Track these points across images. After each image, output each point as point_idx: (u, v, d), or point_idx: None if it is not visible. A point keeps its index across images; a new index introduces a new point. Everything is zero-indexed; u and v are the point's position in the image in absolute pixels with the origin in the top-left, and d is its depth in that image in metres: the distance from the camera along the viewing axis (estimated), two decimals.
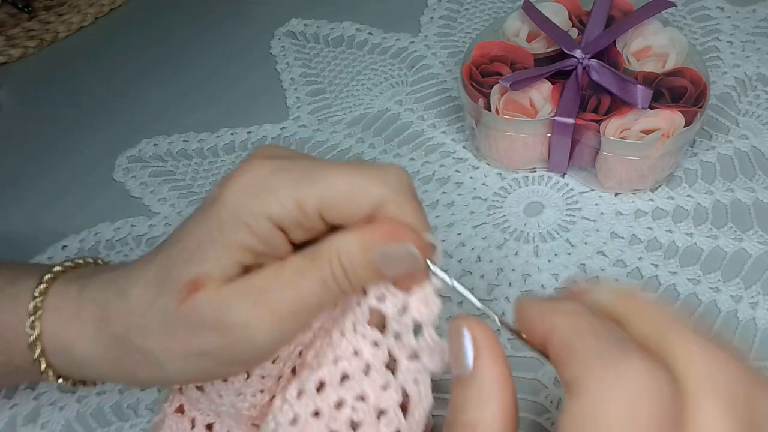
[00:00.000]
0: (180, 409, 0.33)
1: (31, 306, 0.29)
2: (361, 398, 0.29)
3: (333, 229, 0.27)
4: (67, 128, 0.59)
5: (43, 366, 0.29)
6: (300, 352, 0.31)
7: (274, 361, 0.31)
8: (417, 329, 0.28)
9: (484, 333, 0.24)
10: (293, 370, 0.31)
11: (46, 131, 0.59)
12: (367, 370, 0.29)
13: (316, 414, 0.28)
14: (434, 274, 0.28)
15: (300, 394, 0.28)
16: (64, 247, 0.50)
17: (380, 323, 0.29)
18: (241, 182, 0.26)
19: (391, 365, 0.29)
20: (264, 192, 0.25)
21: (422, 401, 0.29)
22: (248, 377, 0.31)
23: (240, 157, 0.54)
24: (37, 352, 0.29)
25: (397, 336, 0.29)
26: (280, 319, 0.26)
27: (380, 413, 0.29)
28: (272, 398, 0.32)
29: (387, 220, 0.26)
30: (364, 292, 0.29)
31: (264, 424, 0.29)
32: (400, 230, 0.26)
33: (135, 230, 0.50)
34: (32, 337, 0.29)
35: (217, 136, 0.56)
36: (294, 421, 0.28)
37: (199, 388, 0.32)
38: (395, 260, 0.26)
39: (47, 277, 0.30)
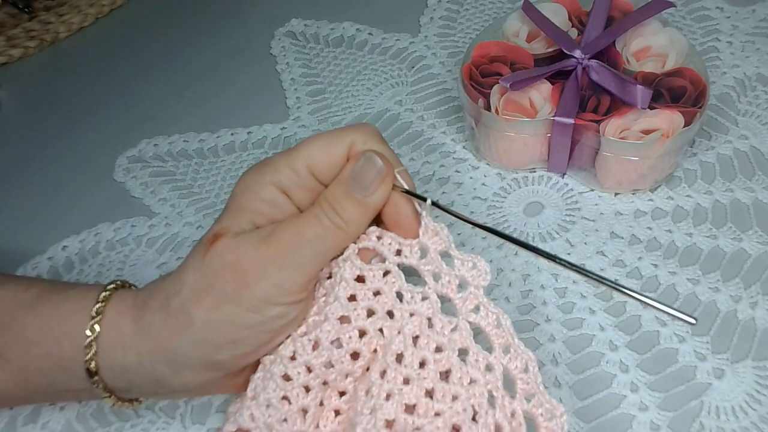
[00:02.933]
0: None
1: (101, 295, 0.32)
2: (439, 349, 0.31)
3: None
4: (68, 128, 0.59)
5: (92, 352, 0.31)
6: (353, 355, 0.32)
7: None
8: (445, 259, 0.32)
9: None
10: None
11: (46, 131, 0.60)
12: (429, 323, 0.32)
13: (406, 381, 0.30)
14: (405, 191, 0.32)
15: (383, 372, 0.31)
16: (64, 247, 0.50)
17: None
18: (251, 167, 0.33)
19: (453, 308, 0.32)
20: (265, 167, 0.32)
21: (492, 322, 0.31)
22: (309, 391, 0.32)
23: (240, 158, 0.54)
24: (94, 332, 0.31)
25: (436, 276, 0.32)
26: (284, 252, 0.30)
27: (462, 353, 0.31)
28: (337, 414, 0.33)
29: (354, 154, 0.32)
30: (384, 260, 0.33)
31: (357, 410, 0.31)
32: (360, 153, 0.32)
33: (135, 230, 0.50)
34: (94, 320, 0.32)
35: (218, 137, 0.56)
36: (389, 396, 0.30)
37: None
38: (362, 174, 0.31)
39: (118, 282, 0.34)
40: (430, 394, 0.30)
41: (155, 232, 0.50)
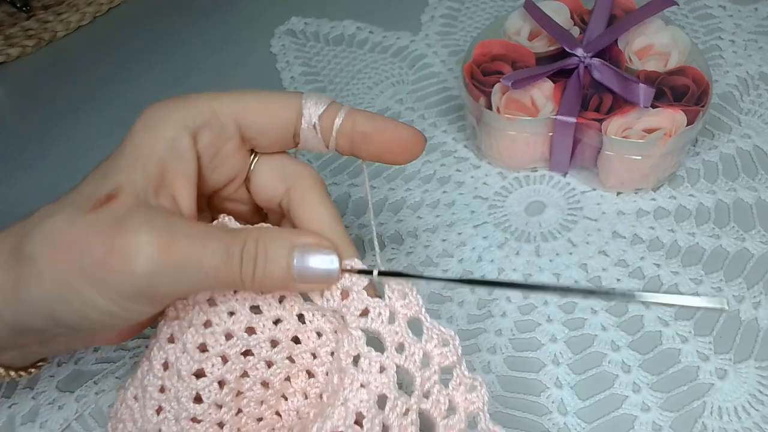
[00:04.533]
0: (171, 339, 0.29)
1: None
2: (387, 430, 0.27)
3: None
4: (67, 127, 0.59)
5: None
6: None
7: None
8: (412, 325, 0.27)
9: None
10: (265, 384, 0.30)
11: (44, 130, 0.59)
12: (382, 402, 0.27)
13: None
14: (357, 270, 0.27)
15: None
16: None
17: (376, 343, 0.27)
18: (159, 101, 0.28)
19: (409, 383, 0.27)
20: (180, 101, 0.27)
21: (443, 412, 0.27)
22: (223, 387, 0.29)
23: None
24: None
25: (400, 347, 0.27)
26: (172, 262, 0.25)
27: None
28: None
29: (313, 233, 0.27)
30: (343, 320, 0.27)
31: None
32: (314, 244, 0.26)
33: None
34: None
35: None
36: None
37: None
38: (311, 274, 0.26)
39: None
40: None
41: None
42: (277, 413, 0.31)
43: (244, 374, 0.29)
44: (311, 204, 0.29)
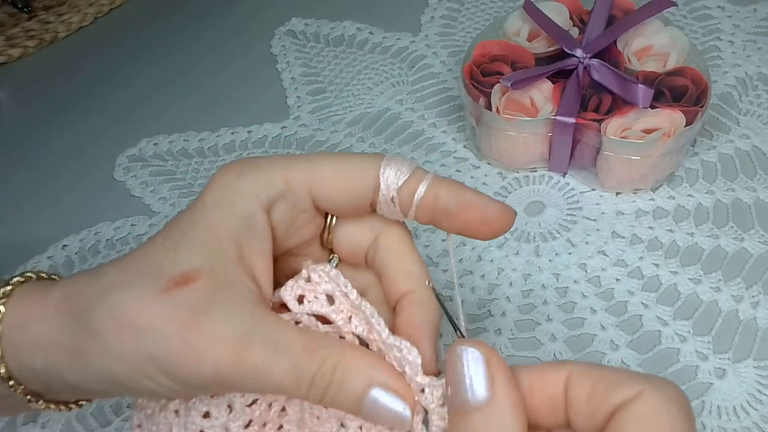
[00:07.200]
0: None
1: (1, 291, 0.26)
2: None
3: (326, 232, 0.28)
4: (67, 128, 0.59)
5: None
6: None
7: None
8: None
9: (498, 358, 0.22)
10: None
11: (46, 131, 0.59)
12: None
13: None
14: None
15: None
16: (64, 246, 0.50)
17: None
18: (229, 167, 0.26)
19: None
20: (252, 171, 0.25)
21: None
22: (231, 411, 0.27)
23: (240, 156, 0.54)
24: None
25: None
26: (240, 369, 0.24)
27: None
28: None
29: (393, 372, 0.24)
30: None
31: None
32: (404, 393, 0.24)
33: (135, 230, 0.50)
34: None
35: (218, 136, 0.56)
36: None
37: (176, 413, 0.28)
38: (380, 415, 0.24)
39: (15, 279, 0.27)
40: None
41: (155, 231, 0.50)
42: None
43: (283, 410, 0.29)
44: (401, 256, 0.28)
